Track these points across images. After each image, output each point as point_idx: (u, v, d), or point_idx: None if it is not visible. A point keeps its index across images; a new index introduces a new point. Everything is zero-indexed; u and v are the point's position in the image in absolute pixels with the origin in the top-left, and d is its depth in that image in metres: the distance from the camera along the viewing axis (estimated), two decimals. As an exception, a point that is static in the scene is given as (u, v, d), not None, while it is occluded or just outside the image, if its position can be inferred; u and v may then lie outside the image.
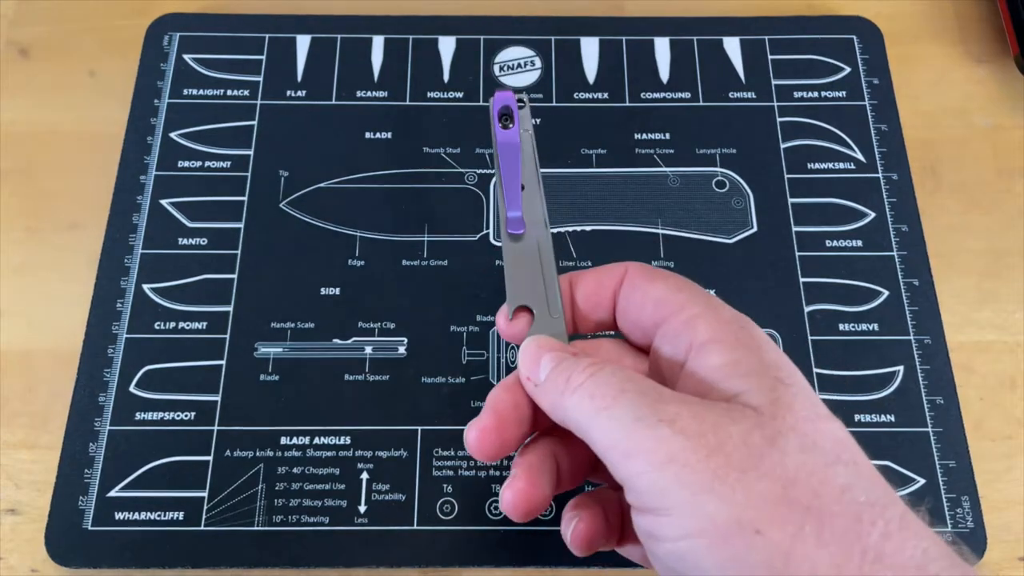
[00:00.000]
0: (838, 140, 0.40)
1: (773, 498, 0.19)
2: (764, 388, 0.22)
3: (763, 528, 0.19)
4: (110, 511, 0.32)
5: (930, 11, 0.44)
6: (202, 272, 0.37)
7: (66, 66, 0.42)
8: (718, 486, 0.19)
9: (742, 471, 0.20)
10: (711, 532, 0.19)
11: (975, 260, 0.38)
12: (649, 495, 0.21)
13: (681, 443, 0.20)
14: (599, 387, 0.22)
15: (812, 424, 0.21)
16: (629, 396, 0.22)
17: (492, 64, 0.41)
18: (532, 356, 0.25)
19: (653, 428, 0.21)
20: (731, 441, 0.20)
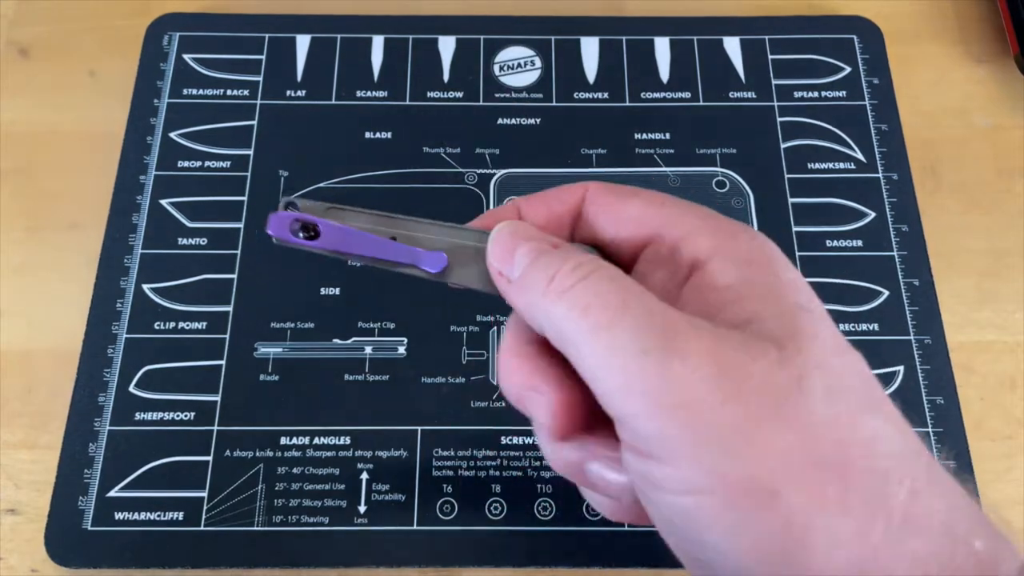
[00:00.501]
0: (838, 140, 0.40)
1: (795, 454, 0.17)
2: (784, 314, 0.18)
3: (781, 489, 0.16)
4: (110, 511, 0.32)
5: (930, 11, 0.44)
6: (202, 272, 0.36)
7: (66, 66, 0.42)
8: (734, 438, 0.17)
9: (761, 421, 0.17)
10: (721, 491, 0.17)
11: (975, 260, 0.38)
12: (651, 440, 0.18)
13: (695, 385, 0.17)
14: (595, 296, 0.19)
15: (839, 359, 0.18)
16: (633, 315, 0.18)
17: (492, 64, 0.41)
18: (505, 245, 0.21)
19: (662, 364, 0.17)
20: (750, 383, 0.17)
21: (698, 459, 0.17)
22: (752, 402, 0.17)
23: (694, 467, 0.17)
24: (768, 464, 0.17)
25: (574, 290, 0.19)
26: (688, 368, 0.17)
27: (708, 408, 0.17)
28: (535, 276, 0.20)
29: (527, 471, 0.33)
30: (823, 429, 0.17)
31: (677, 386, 0.17)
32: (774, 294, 0.19)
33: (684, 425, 0.17)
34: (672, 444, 0.17)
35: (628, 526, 0.32)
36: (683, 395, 0.17)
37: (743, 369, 0.17)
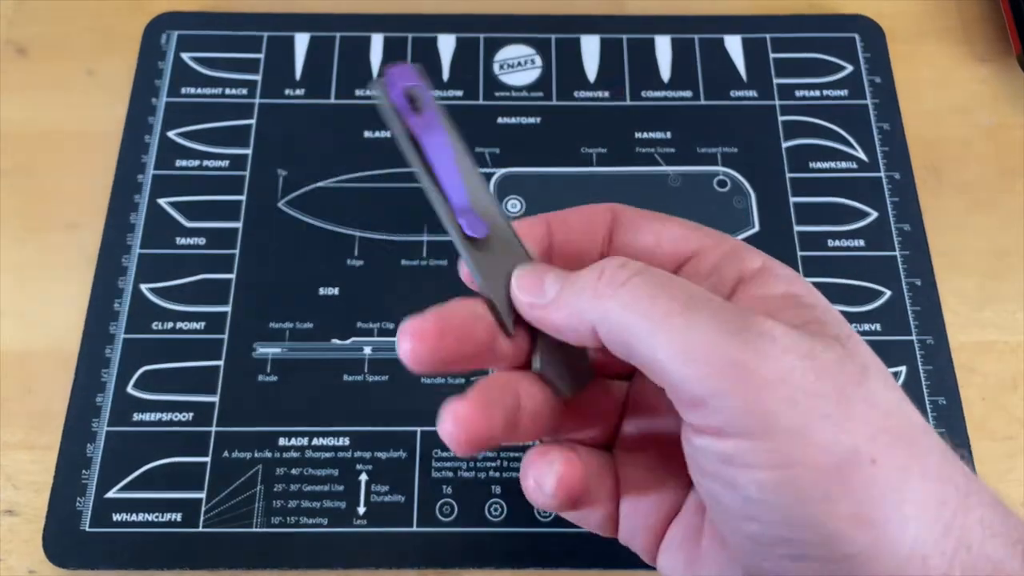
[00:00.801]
0: (840, 139, 0.39)
1: (882, 428, 0.18)
2: (834, 322, 0.20)
3: (879, 458, 0.17)
4: (108, 512, 0.32)
5: (932, 10, 0.44)
6: (200, 272, 0.36)
7: (64, 65, 0.42)
8: (832, 411, 0.17)
9: (848, 399, 0.18)
10: (824, 462, 0.17)
11: (977, 260, 0.38)
12: (745, 418, 0.18)
13: (792, 362, 0.18)
14: (660, 286, 0.19)
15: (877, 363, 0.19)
16: (706, 302, 0.19)
17: (492, 62, 0.41)
18: (532, 277, 0.21)
19: (754, 342, 0.18)
20: (831, 368, 0.18)
21: (801, 434, 0.17)
22: (838, 380, 0.18)
23: (796, 443, 0.17)
24: (865, 435, 0.18)
25: (632, 283, 0.19)
26: (779, 348, 0.18)
27: (808, 383, 0.18)
28: (579, 283, 0.20)
29: (527, 472, 0.33)
30: (890, 411, 0.18)
31: (774, 362, 0.18)
32: (821, 309, 0.20)
33: (787, 401, 0.17)
34: (770, 419, 0.17)
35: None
36: (782, 371, 0.18)
37: (821, 355, 0.18)
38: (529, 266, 0.22)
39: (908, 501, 0.17)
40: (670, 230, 0.22)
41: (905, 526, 0.17)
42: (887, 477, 0.17)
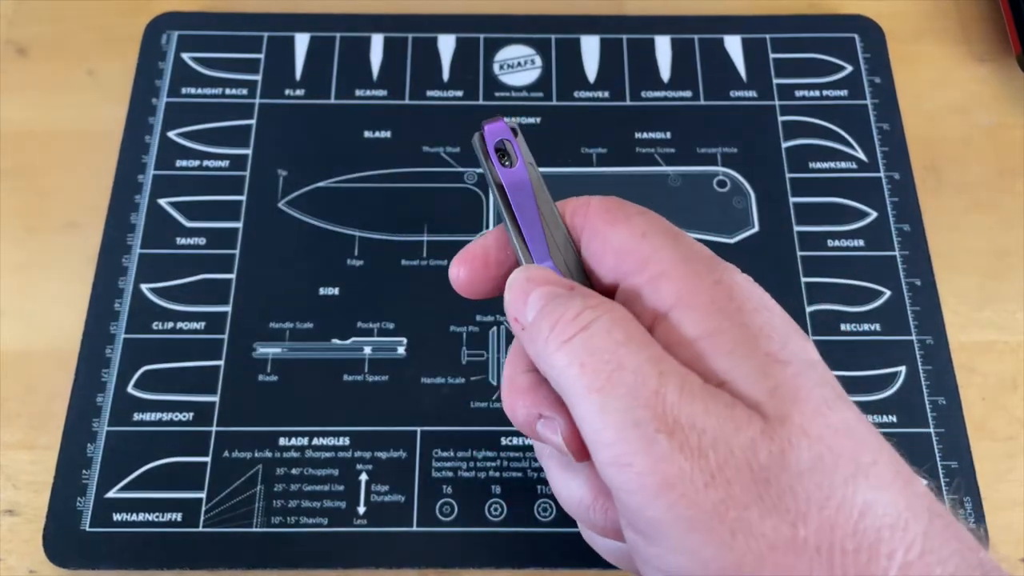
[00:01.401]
0: (840, 139, 0.40)
1: (779, 542, 0.16)
2: (757, 372, 0.18)
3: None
4: (108, 512, 0.32)
5: (932, 10, 0.44)
6: (200, 272, 0.36)
7: (64, 65, 0.42)
8: (716, 526, 0.16)
9: (744, 507, 0.16)
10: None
11: (977, 260, 0.38)
12: (639, 518, 0.17)
13: (679, 466, 0.17)
14: (592, 353, 0.18)
15: (824, 420, 0.17)
16: (626, 380, 0.17)
17: (492, 63, 0.41)
18: (519, 290, 0.21)
19: (651, 441, 0.17)
20: (732, 463, 0.17)
21: (682, 543, 0.17)
22: (734, 484, 0.16)
23: (678, 551, 0.17)
24: (751, 554, 0.16)
25: (573, 342, 0.18)
26: (673, 443, 0.17)
27: (692, 491, 0.16)
28: (540, 324, 0.19)
29: (527, 472, 0.33)
30: (808, 510, 0.16)
31: (663, 466, 0.17)
32: (744, 347, 0.18)
33: (669, 508, 0.17)
34: (657, 525, 0.17)
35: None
36: (668, 476, 0.17)
37: (726, 443, 0.17)
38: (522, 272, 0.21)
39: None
40: (615, 238, 0.21)
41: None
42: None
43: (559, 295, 0.20)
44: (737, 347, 0.18)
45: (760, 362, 0.18)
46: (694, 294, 0.19)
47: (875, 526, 0.16)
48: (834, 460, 0.17)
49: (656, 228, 0.20)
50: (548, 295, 0.20)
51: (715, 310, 0.19)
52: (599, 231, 0.21)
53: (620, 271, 0.20)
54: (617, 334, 0.18)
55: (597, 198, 0.22)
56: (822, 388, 0.18)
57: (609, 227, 0.21)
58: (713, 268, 0.20)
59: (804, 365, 0.18)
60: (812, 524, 0.16)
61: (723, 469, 0.16)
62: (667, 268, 0.19)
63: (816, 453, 0.17)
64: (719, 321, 0.18)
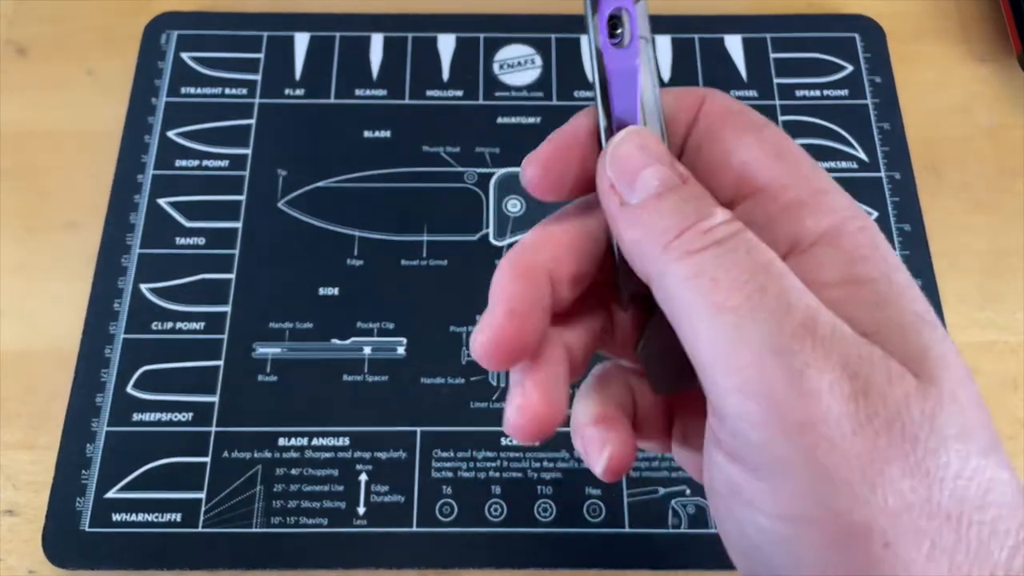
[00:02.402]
0: (840, 139, 0.39)
1: (916, 504, 0.15)
2: (908, 330, 0.16)
3: (894, 541, 0.15)
4: (107, 512, 0.32)
5: (933, 10, 0.44)
6: (200, 272, 0.36)
7: (64, 65, 0.41)
8: (857, 478, 0.15)
9: (889, 461, 0.15)
10: (829, 528, 0.15)
11: (978, 260, 0.38)
12: (759, 452, 0.16)
13: (827, 407, 0.15)
14: (728, 269, 0.16)
15: (966, 388, 0.16)
16: (770, 304, 0.16)
17: (492, 62, 0.41)
18: (630, 160, 0.18)
19: (796, 373, 0.15)
20: (884, 415, 0.15)
21: (810, 487, 0.15)
22: (883, 437, 0.15)
23: (802, 495, 0.15)
24: (887, 511, 0.15)
25: (703, 255, 0.16)
26: (824, 382, 0.15)
27: (837, 435, 0.15)
28: (657, 221, 0.17)
29: (527, 472, 0.33)
30: (947, 477, 0.15)
31: (809, 401, 0.15)
32: (894, 302, 0.16)
33: (805, 447, 0.15)
34: (783, 464, 0.15)
35: (629, 527, 0.32)
36: (813, 413, 0.15)
37: (879, 391, 0.15)
38: (634, 137, 0.18)
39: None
40: (741, 152, 0.18)
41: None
42: (896, 560, 0.15)
43: (677, 188, 0.17)
44: (885, 301, 0.16)
45: (911, 320, 0.16)
46: (838, 235, 0.17)
47: (997, 503, 0.15)
48: (975, 432, 0.16)
49: (791, 149, 0.18)
50: (666, 181, 0.17)
51: (860, 257, 0.17)
52: (721, 138, 0.18)
53: (744, 188, 0.18)
54: (759, 256, 0.16)
55: (712, 92, 0.19)
56: (959, 359, 0.17)
57: (735, 136, 0.18)
58: (856, 212, 0.18)
59: (944, 331, 0.17)
60: (947, 491, 0.15)
61: (873, 420, 0.15)
62: (807, 199, 0.17)
63: (962, 421, 0.16)
64: (866, 269, 0.17)
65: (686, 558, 0.32)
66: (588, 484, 0.33)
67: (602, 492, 0.33)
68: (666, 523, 0.32)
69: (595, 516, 0.32)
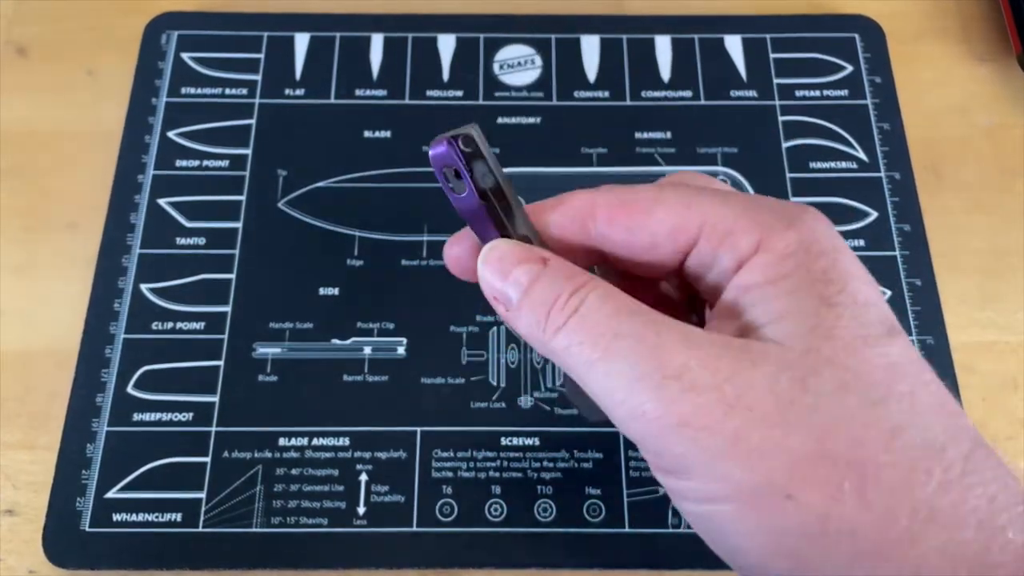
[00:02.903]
0: (840, 139, 0.39)
1: (806, 455, 0.17)
2: (804, 312, 0.18)
3: (795, 492, 0.17)
4: (108, 512, 0.32)
5: (932, 10, 0.44)
6: (200, 272, 0.36)
7: (64, 65, 0.41)
8: (741, 449, 0.17)
9: (768, 427, 0.17)
10: (737, 498, 0.18)
11: (977, 260, 0.38)
12: (664, 458, 0.19)
13: (693, 402, 0.18)
14: (587, 331, 0.19)
15: (856, 353, 0.18)
16: (625, 344, 0.19)
17: (492, 62, 0.41)
18: (495, 270, 0.21)
19: (658, 388, 0.18)
20: (752, 391, 0.17)
21: (711, 471, 0.18)
22: (755, 409, 0.17)
23: (709, 479, 0.18)
24: (779, 468, 0.17)
25: (567, 327, 0.19)
26: (683, 385, 0.18)
27: (712, 422, 0.17)
28: (529, 314, 0.20)
29: (527, 472, 0.33)
30: (835, 427, 0.17)
31: (676, 406, 0.18)
32: (800, 291, 0.19)
33: (691, 442, 0.18)
34: (685, 460, 0.18)
35: (629, 527, 0.32)
36: (683, 414, 0.18)
37: (743, 376, 0.18)
38: (494, 250, 0.21)
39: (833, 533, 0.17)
40: (655, 225, 0.21)
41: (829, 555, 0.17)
42: (805, 508, 0.17)
43: (541, 273, 0.20)
44: (795, 290, 0.19)
45: (812, 304, 0.18)
46: (770, 243, 0.19)
47: (909, 445, 0.17)
48: (860, 386, 0.17)
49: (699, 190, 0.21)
50: (530, 273, 0.20)
51: (786, 255, 0.19)
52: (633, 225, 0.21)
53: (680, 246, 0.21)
54: (607, 308, 0.19)
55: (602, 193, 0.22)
56: (867, 327, 0.18)
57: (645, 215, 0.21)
58: (785, 216, 0.20)
59: (856, 307, 0.19)
60: (840, 440, 0.17)
61: (742, 398, 0.17)
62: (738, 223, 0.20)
63: (839, 379, 0.17)
64: (786, 266, 0.19)
65: (686, 558, 0.32)
66: (588, 484, 0.33)
67: (602, 492, 0.33)
68: (666, 523, 0.32)
69: (595, 516, 0.32)
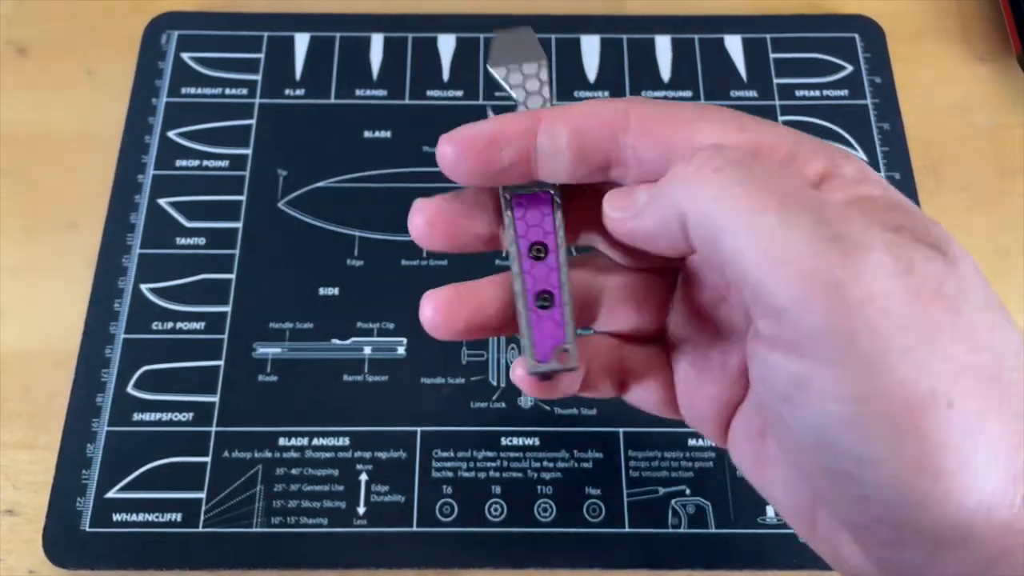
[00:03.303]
0: (840, 139, 0.39)
1: (967, 365, 0.16)
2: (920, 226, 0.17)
3: (956, 401, 0.16)
4: (108, 512, 0.32)
5: (932, 10, 0.44)
6: (200, 272, 0.36)
7: (64, 65, 0.41)
8: (916, 344, 0.16)
9: (940, 328, 0.16)
10: (896, 402, 0.16)
11: (977, 260, 0.37)
12: (825, 338, 0.16)
13: (884, 279, 0.16)
14: (754, 178, 0.17)
15: (976, 269, 0.17)
16: (803, 202, 0.17)
17: (492, 63, 0.41)
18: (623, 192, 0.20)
19: (851, 254, 0.16)
20: (928, 286, 0.16)
21: (876, 363, 0.16)
22: (932, 307, 0.16)
23: (871, 371, 0.16)
24: (945, 374, 0.16)
25: (726, 172, 0.17)
26: (874, 261, 0.16)
27: (895, 306, 0.16)
28: (669, 179, 0.18)
29: (527, 472, 0.33)
30: (986, 339, 0.17)
31: (868, 278, 0.16)
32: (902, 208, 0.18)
33: (868, 325, 0.16)
34: (848, 342, 0.16)
35: (629, 527, 0.32)
36: (870, 288, 0.16)
37: (921, 270, 0.16)
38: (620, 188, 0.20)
39: (980, 449, 0.16)
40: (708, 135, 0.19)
41: (974, 476, 0.16)
42: (962, 422, 0.16)
43: None
44: (897, 206, 0.18)
45: (921, 219, 0.18)
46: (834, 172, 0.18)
47: None
48: (992, 302, 0.17)
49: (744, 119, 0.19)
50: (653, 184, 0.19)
51: (859, 181, 0.18)
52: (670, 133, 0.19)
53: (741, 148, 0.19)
54: (772, 170, 0.18)
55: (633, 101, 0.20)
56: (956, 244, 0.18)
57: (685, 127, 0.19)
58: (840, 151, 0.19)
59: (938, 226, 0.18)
60: (988, 353, 0.16)
61: (920, 290, 0.16)
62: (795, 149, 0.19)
63: (984, 294, 0.17)
64: (868, 189, 0.18)
65: (686, 558, 0.32)
66: (588, 484, 0.33)
67: (602, 492, 0.33)
68: (666, 523, 0.32)
69: (595, 516, 0.32)
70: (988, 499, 0.16)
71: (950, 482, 0.16)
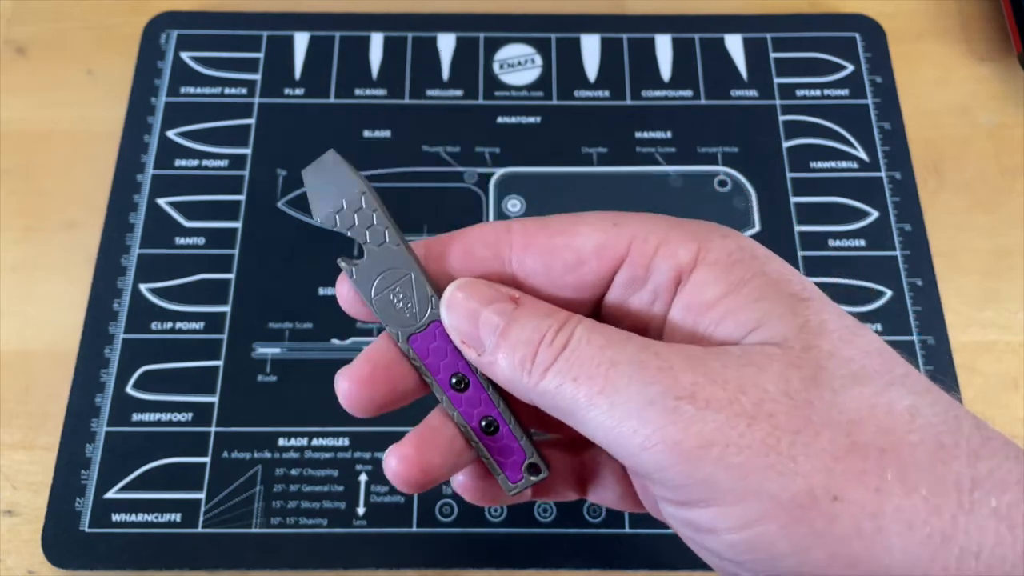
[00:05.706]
0: (841, 139, 0.39)
1: (842, 451, 0.16)
2: (786, 312, 0.18)
3: (841, 492, 0.16)
4: (107, 513, 0.32)
5: (933, 9, 0.43)
6: (199, 272, 0.36)
7: (63, 65, 0.41)
8: (774, 459, 0.16)
9: (795, 431, 0.16)
10: (780, 513, 0.16)
11: (978, 259, 0.38)
12: (689, 489, 0.17)
13: (713, 420, 0.16)
14: (581, 366, 0.18)
15: (852, 343, 0.17)
16: (626, 371, 0.17)
17: (492, 62, 0.41)
18: (463, 314, 0.20)
19: (672, 411, 0.16)
20: (768, 398, 0.16)
21: (745, 491, 0.16)
22: (777, 415, 0.16)
23: (744, 500, 0.16)
24: (819, 471, 0.16)
25: (557, 365, 0.18)
26: (698, 404, 0.16)
27: (736, 437, 0.16)
28: (508, 356, 0.19)
29: (527, 472, 0.33)
30: (859, 418, 0.16)
31: (696, 427, 0.16)
32: (768, 294, 0.18)
33: (718, 463, 0.16)
34: (714, 486, 0.16)
35: (629, 527, 0.32)
36: (705, 434, 0.16)
37: (754, 384, 0.17)
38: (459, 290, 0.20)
39: (888, 526, 0.16)
40: (581, 239, 0.20)
41: (888, 552, 0.16)
42: (856, 510, 0.16)
43: (515, 318, 0.19)
44: (762, 295, 0.18)
45: (788, 303, 0.18)
46: (711, 254, 0.19)
47: (930, 424, 0.16)
48: (867, 374, 0.17)
49: (620, 214, 0.20)
50: (501, 315, 0.19)
51: (732, 264, 0.19)
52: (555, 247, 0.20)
53: (607, 263, 0.20)
54: (597, 339, 0.18)
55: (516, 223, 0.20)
56: (843, 319, 0.18)
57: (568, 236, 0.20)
58: (716, 227, 0.20)
59: (824, 301, 0.19)
60: (868, 430, 0.16)
61: (760, 406, 0.16)
62: (670, 234, 0.19)
63: (849, 370, 0.17)
64: (740, 274, 0.18)
65: (686, 558, 0.32)
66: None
67: (602, 492, 0.33)
68: (666, 523, 0.32)
69: (595, 516, 0.32)
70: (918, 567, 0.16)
71: (870, 563, 0.16)
